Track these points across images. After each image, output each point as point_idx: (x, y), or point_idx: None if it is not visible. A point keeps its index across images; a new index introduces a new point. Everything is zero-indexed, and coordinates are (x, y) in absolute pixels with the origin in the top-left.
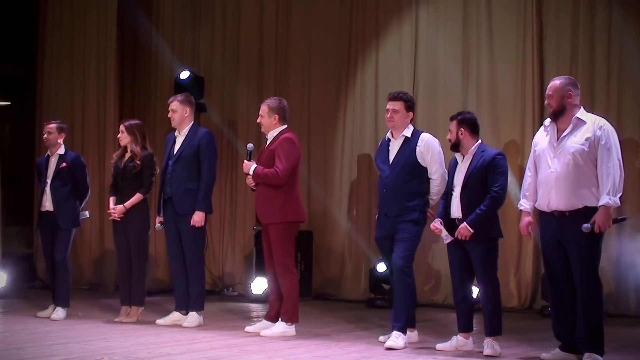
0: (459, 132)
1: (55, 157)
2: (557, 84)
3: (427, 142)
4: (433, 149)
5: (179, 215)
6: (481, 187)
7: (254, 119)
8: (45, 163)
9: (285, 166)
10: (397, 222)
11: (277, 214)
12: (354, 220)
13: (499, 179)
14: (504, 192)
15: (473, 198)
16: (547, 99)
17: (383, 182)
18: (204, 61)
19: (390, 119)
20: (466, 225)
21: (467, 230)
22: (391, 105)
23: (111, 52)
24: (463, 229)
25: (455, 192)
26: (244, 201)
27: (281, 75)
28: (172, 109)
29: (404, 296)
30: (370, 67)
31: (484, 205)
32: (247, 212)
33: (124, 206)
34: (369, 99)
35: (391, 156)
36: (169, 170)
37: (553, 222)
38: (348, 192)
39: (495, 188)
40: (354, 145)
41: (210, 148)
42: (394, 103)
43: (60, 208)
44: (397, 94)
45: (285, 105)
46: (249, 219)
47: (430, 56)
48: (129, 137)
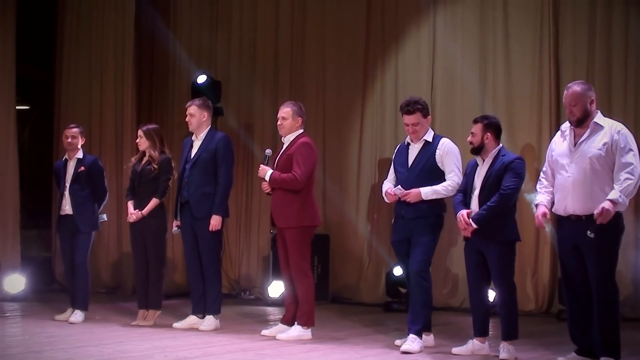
0: (484, 136)
1: (74, 160)
2: (578, 91)
3: (447, 146)
4: (452, 153)
5: (195, 219)
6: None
7: (270, 123)
8: (63, 167)
9: (304, 171)
10: (414, 225)
11: (293, 218)
12: (375, 224)
13: (512, 180)
14: (514, 194)
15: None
16: (569, 108)
17: (400, 184)
18: (220, 65)
19: (414, 132)
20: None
21: (470, 225)
22: (410, 119)
23: (129, 56)
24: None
25: (474, 194)
26: (261, 205)
27: (297, 79)
28: (189, 113)
29: (420, 300)
30: (390, 70)
31: (491, 202)
32: (263, 216)
33: (142, 213)
34: (389, 102)
35: (410, 159)
36: (186, 174)
37: (570, 226)
38: (367, 196)
39: (505, 186)
40: (375, 150)
41: (227, 152)
42: (412, 117)
43: (79, 211)
44: (411, 107)
45: (303, 111)
46: (266, 223)
47: (447, 60)
48: (147, 142)
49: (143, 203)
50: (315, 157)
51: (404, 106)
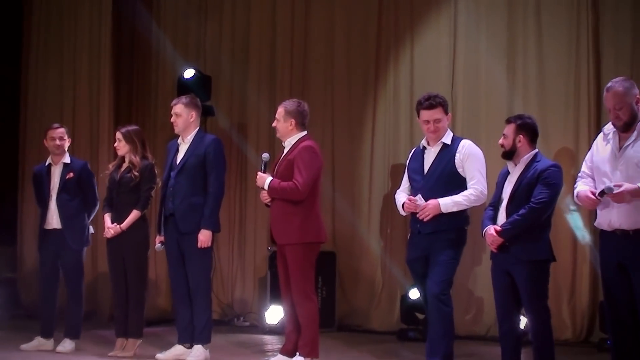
0: (516, 138)
1: (60, 166)
2: (620, 91)
3: (469, 149)
4: (475, 156)
5: (182, 234)
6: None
7: (266, 124)
8: (46, 173)
9: (305, 179)
10: (433, 241)
11: (295, 233)
12: (388, 240)
13: (545, 191)
14: (547, 207)
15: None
16: (614, 112)
17: (416, 194)
18: (210, 58)
19: (435, 131)
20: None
21: (496, 238)
22: (431, 115)
23: (106, 49)
24: (490, 235)
25: (502, 205)
26: (257, 218)
27: (299, 75)
28: (175, 113)
29: (440, 327)
30: (404, 65)
31: (518, 215)
32: (260, 231)
33: (121, 227)
34: (404, 101)
35: (426, 165)
36: (171, 182)
37: (615, 243)
38: (379, 208)
39: (537, 199)
40: (387, 154)
41: (218, 157)
42: (433, 112)
43: (69, 225)
44: (433, 101)
45: (304, 109)
46: (263, 239)
47: (470, 53)
48: (127, 145)
49: (122, 216)
50: (319, 163)
51: (424, 101)
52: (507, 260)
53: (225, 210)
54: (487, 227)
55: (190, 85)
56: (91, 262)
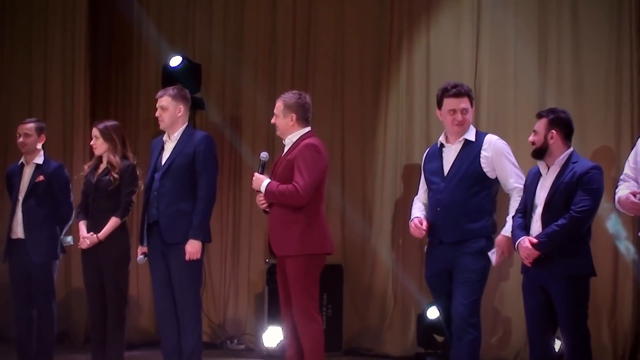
0: (548, 134)
1: (31, 167)
2: None
3: (496, 146)
4: (505, 154)
5: (167, 245)
6: (568, 207)
7: (265, 118)
8: (19, 174)
9: (307, 181)
10: (457, 254)
11: (296, 243)
12: (400, 251)
13: (586, 198)
14: (589, 216)
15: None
16: None
17: (436, 198)
18: (200, 44)
19: (461, 123)
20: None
21: (532, 251)
22: (457, 103)
23: (81, 33)
24: (525, 248)
25: (535, 212)
26: (253, 226)
27: (302, 63)
28: (160, 107)
29: (465, 355)
30: (419, 52)
31: (557, 225)
32: (256, 241)
33: (98, 237)
34: (418, 93)
35: (446, 165)
36: (155, 186)
37: None
38: (390, 214)
39: (578, 207)
40: (399, 153)
41: (210, 157)
42: (461, 100)
43: (33, 236)
44: (461, 89)
45: (306, 102)
46: (259, 250)
47: (496, 39)
48: (105, 143)
49: (99, 224)
50: (324, 164)
51: (450, 87)
52: (543, 275)
53: (217, 217)
54: (520, 238)
55: (178, 75)
56: (64, 277)
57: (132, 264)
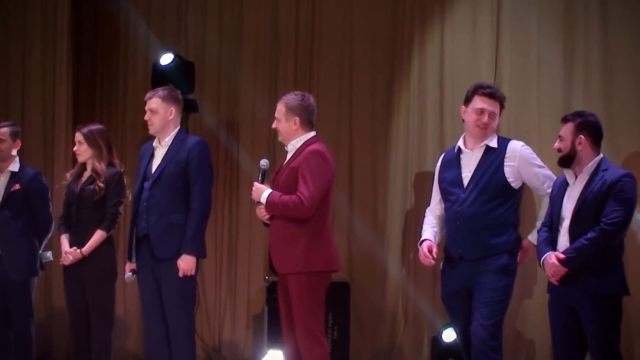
0: (576, 140)
1: (6, 175)
2: None
3: (522, 154)
4: (532, 161)
5: (158, 261)
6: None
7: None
8: None
9: (312, 191)
10: (478, 271)
11: (300, 259)
12: (412, 268)
13: (618, 209)
14: (621, 229)
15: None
16: None
17: (456, 211)
18: (193, 40)
19: (485, 126)
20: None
21: (559, 268)
22: (490, 104)
23: (62, 30)
24: (552, 265)
25: (562, 225)
26: (252, 240)
27: (306, 61)
28: (150, 109)
29: None
30: (432, 51)
31: (586, 239)
32: (255, 257)
33: (81, 252)
34: (431, 95)
35: (465, 174)
36: (145, 196)
37: None
38: (402, 227)
39: (609, 219)
40: (410, 160)
41: (204, 164)
42: (494, 103)
43: (10, 251)
44: (497, 91)
45: (310, 104)
46: (259, 266)
47: (518, 36)
48: (89, 149)
49: (83, 238)
50: (330, 172)
51: (486, 87)
52: (571, 294)
53: (212, 230)
54: (546, 254)
55: (169, 74)
56: (44, 296)
57: (119, 281)
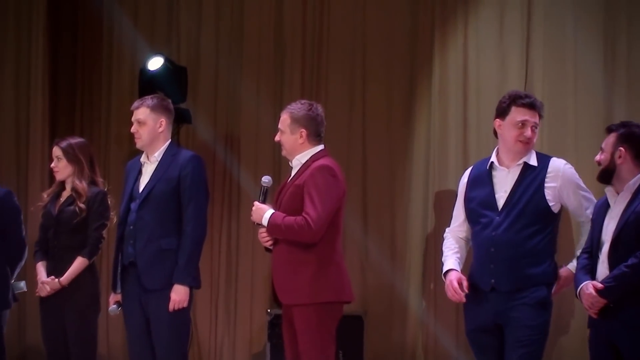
0: (616, 152)
1: None
2: None
3: (566, 174)
4: (576, 182)
5: (147, 292)
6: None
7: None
8: None
9: (320, 212)
10: (512, 305)
11: (307, 289)
12: (432, 299)
13: None
14: None
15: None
16: None
17: (489, 236)
18: (187, 42)
19: (529, 141)
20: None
21: (596, 299)
22: (532, 115)
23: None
24: (589, 296)
25: (602, 251)
26: (254, 268)
27: (313, 67)
28: (137, 120)
29: None
30: (454, 51)
31: (626, 266)
32: (257, 286)
33: (60, 282)
34: (454, 104)
35: (500, 194)
36: (132, 218)
37: None
38: (422, 253)
39: None
40: (431, 177)
41: (198, 182)
42: (533, 113)
43: None
44: (535, 101)
45: (318, 114)
46: (261, 297)
47: (552, 35)
48: (69, 166)
49: (62, 266)
50: (341, 190)
51: (524, 96)
52: (611, 328)
53: (208, 257)
54: (583, 283)
55: (158, 81)
56: (17, 332)
57: (102, 315)
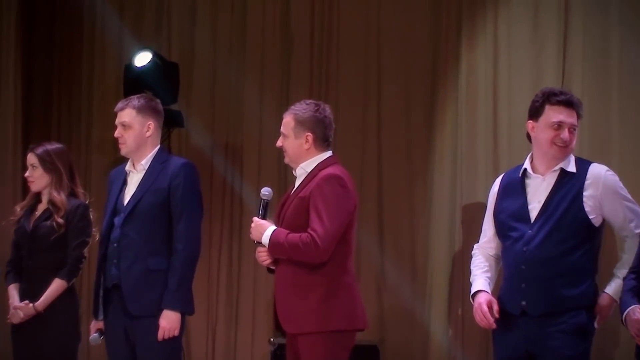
0: None
1: None
2: None
3: (607, 182)
4: (619, 191)
5: (132, 319)
6: None
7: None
8: None
9: (328, 228)
10: (547, 332)
11: (314, 316)
12: (459, 325)
13: None
14: None
15: None
16: None
17: (519, 252)
18: (178, 36)
19: (566, 142)
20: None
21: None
22: (568, 114)
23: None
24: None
25: None
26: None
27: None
28: (122, 123)
29: None
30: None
31: None
32: (259, 312)
33: (35, 307)
34: (483, 107)
35: (533, 205)
36: (116, 235)
37: None
38: (447, 274)
39: None
40: (458, 188)
41: (191, 194)
42: (572, 113)
43: None
44: (573, 98)
45: (326, 115)
46: (262, 325)
47: (593, 23)
48: (46, 175)
49: (37, 288)
50: (352, 202)
51: (559, 93)
52: None
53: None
54: (630, 307)
55: (146, 78)
56: None
57: (82, 344)
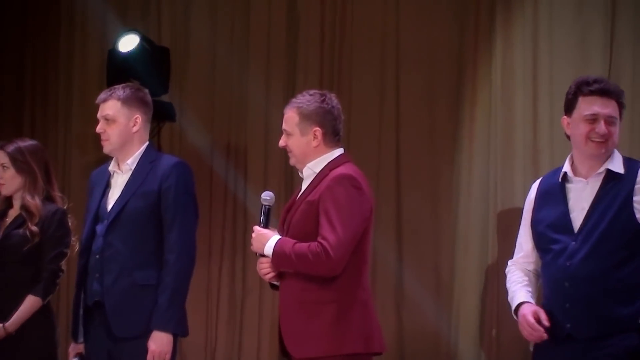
0: None
1: None
2: None
3: None
4: None
5: (117, 341)
6: None
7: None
8: None
9: (341, 236)
10: (595, 356)
11: (325, 339)
12: (493, 348)
13: None
14: None
15: None
16: None
17: (562, 266)
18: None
19: (604, 137)
20: None
21: None
22: (603, 105)
23: None
24: None
25: None
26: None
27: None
28: (105, 117)
29: None
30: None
31: None
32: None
33: (5, 328)
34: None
35: (576, 213)
36: (98, 245)
37: None
38: (479, 291)
39: None
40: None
41: (184, 198)
42: (608, 102)
43: None
44: (608, 85)
45: (334, 106)
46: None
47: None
48: (18, 177)
49: (8, 306)
50: (367, 208)
51: (592, 82)
52: None
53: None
54: None
55: (132, 66)
56: None
57: None
